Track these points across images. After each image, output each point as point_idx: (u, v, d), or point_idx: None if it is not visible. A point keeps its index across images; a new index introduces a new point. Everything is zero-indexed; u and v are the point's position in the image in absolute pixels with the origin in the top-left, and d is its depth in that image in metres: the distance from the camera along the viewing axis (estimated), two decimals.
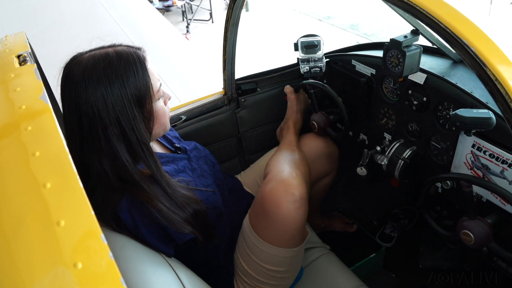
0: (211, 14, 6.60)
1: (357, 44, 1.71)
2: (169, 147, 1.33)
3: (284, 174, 1.18)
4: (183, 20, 6.67)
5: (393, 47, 1.21)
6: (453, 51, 0.76)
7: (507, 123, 0.72)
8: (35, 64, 0.75)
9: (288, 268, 1.25)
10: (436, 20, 0.74)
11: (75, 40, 1.08)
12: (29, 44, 0.90)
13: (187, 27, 6.27)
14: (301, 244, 1.23)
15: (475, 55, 0.71)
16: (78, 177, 0.51)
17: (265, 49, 5.26)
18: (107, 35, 1.13)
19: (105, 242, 0.47)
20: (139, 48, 1.11)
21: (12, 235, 0.46)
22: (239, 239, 1.28)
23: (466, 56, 0.73)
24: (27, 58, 0.78)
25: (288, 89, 1.70)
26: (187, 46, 3.96)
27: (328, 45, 1.68)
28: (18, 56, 0.79)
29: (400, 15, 1.21)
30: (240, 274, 1.26)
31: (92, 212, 0.48)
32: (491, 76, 0.70)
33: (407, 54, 1.17)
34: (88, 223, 0.48)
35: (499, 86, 0.69)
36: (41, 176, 0.51)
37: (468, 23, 0.74)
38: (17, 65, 0.76)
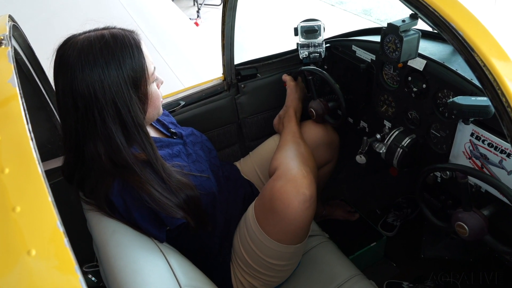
0: None
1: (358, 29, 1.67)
2: (165, 132, 1.32)
3: (294, 172, 1.16)
4: (194, 5, 6.61)
5: (391, 32, 1.17)
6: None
7: (495, 111, 0.69)
8: (10, 47, 0.74)
9: (288, 262, 1.25)
10: (423, 2, 0.71)
11: (82, 24, 1.08)
12: (12, 27, 0.89)
13: (197, 12, 6.22)
14: (304, 239, 1.23)
15: (463, 39, 0.68)
16: (38, 163, 0.50)
17: (276, 35, 5.19)
18: (114, 20, 1.12)
19: (61, 230, 0.46)
20: (132, 31, 1.11)
21: None
22: (241, 228, 1.28)
23: (454, 41, 0.70)
24: (4, 41, 0.77)
25: (286, 76, 1.68)
26: (196, 32, 3.93)
27: (341, 31, 1.64)
28: None
29: None
30: (239, 262, 1.26)
31: (50, 199, 0.47)
32: (479, 62, 0.67)
33: (404, 39, 1.14)
34: (44, 210, 0.47)
35: (487, 73, 0.66)
36: (0, 161, 0.50)
37: (457, 6, 0.70)
38: None
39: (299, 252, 1.27)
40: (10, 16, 0.95)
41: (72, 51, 0.99)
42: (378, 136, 1.46)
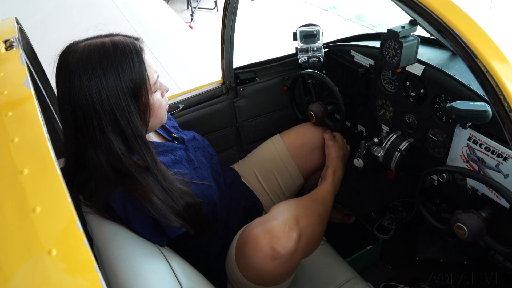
0: (216, 2, 6.55)
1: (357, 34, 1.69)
2: (166, 136, 1.32)
3: (276, 223, 1.06)
4: (187, 8, 6.63)
5: (390, 37, 1.19)
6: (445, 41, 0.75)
7: (497, 116, 0.71)
8: (21, 50, 0.75)
9: None
10: (428, 10, 0.73)
11: (76, 27, 1.06)
12: (19, 29, 0.89)
13: (191, 15, 6.23)
14: (284, 282, 1.17)
15: (467, 46, 0.70)
16: (56, 164, 0.51)
17: (269, 40, 5.22)
18: (109, 23, 1.11)
19: (81, 230, 0.47)
20: (137, 39, 1.09)
21: None
22: (228, 253, 1.24)
23: (457, 47, 0.72)
24: (14, 44, 0.77)
25: (326, 134, 1.59)
26: (190, 35, 3.94)
27: (333, 36, 1.65)
28: (5, 41, 0.79)
29: (397, 5, 1.19)
30: (231, 281, 1.24)
31: (69, 200, 0.48)
32: (482, 68, 0.69)
33: (404, 45, 1.16)
34: (64, 210, 0.48)
35: (490, 78, 0.68)
36: (19, 162, 0.51)
37: (460, 14, 0.72)
38: (2, 50, 0.76)
39: (284, 284, 1.20)
40: (16, 19, 0.95)
41: (72, 58, 0.97)
42: (376, 140, 1.48)
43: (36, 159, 0.51)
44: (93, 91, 0.96)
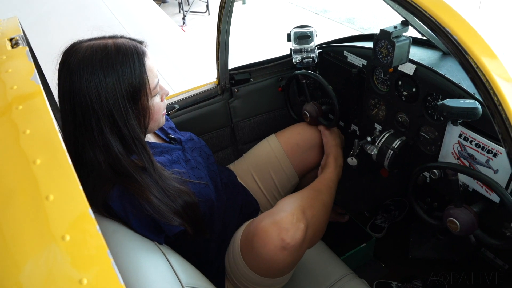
0: (207, 6, 6.58)
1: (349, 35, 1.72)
2: (164, 137, 1.33)
3: (283, 215, 1.11)
4: (179, 12, 6.65)
5: (383, 37, 1.22)
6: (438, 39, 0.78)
7: (487, 110, 0.75)
8: (27, 47, 0.76)
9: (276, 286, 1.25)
10: (421, 9, 0.76)
11: (69, 30, 1.07)
12: (22, 28, 0.90)
13: (183, 19, 6.25)
14: (284, 276, 1.21)
15: (457, 43, 0.73)
16: (67, 154, 0.52)
17: (261, 43, 5.25)
18: (102, 26, 1.12)
19: (92, 216, 0.49)
20: (141, 42, 1.10)
21: (2, 208, 0.48)
22: (229, 246, 1.27)
23: (449, 44, 0.75)
24: (19, 42, 0.79)
25: (321, 126, 1.65)
26: (183, 38, 3.97)
27: (324, 39, 1.68)
28: (11, 39, 0.81)
29: (390, 5, 1.22)
30: (231, 277, 1.27)
31: (80, 187, 0.50)
32: (473, 64, 0.72)
33: (396, 44, 1.19)
34: (76, 198, 0.50)
35: (480, 74, 0.71)
36: (31, 153, 0.53)
37: (451, 13, 0.75)
38: (9, 47, 0.78)
39: (285, 278, 1.25)
40: (17, 18, 0.97)
41: (74, 58, 0.98)
42: (369, 138, 1.51)
43: (48, 150, 0.53)
44: (92, 92, 0.97)
